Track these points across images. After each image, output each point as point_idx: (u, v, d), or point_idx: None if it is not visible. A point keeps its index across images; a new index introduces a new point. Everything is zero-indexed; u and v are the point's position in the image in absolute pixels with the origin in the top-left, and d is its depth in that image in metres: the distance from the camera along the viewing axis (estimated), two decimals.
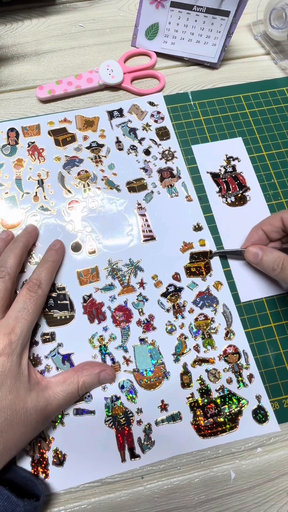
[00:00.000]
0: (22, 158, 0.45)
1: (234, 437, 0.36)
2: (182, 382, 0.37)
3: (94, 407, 0.36)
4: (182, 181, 0.45)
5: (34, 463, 0.34)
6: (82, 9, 0.55)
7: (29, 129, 0.47)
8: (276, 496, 0.35)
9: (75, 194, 0.44)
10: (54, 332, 0.38)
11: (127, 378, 0.37)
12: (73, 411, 0.36)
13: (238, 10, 0.45)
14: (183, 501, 0.34)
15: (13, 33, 0.53)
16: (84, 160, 0.45)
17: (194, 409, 0.37)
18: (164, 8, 0.47)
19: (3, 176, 0.44)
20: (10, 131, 0.46)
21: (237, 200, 0.45)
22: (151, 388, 0.37)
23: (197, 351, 0.39)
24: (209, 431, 0.36)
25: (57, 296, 0.40)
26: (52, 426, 0.35)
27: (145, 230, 0.43)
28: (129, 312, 0.40)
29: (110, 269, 0.41)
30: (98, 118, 0.48)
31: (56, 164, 0.45)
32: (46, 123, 0.47)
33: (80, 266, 0.41)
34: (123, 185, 0.45)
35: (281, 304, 0.41)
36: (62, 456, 0.35)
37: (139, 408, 0.36)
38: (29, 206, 0.43)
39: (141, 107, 0.48)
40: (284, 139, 0.48)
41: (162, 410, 0.36)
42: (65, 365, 0.37)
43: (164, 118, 0.48)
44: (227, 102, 0.49)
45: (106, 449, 0.35)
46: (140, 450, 0.35)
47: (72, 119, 0.47)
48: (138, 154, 0.46)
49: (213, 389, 0.37)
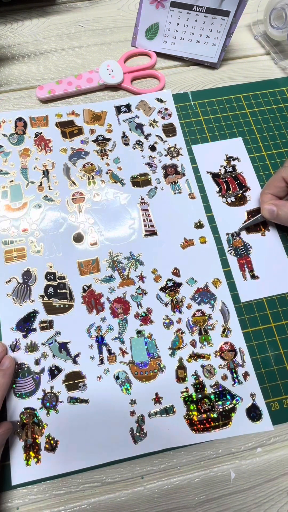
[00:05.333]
0: (29, 148, 0.46)
1: (227, 433, 0.36)
2: (177, 376, 0.38)
3: (88, 396, 0.36)
4: (186, 178, 0.45)
5: (27, 447, 0.35)
6: (82, 9, 0.55)
7: (37, 119, 0.47)
8: (276, 496, 0.35)
9: (80, 186, 0.44)
10: (52, 320, 0.39)
11: (122, 369, 0.37)
12: (67, 399, 0.36)
13: (238, 10, 0.45)
14: (183, 501, 0.34)
15: (13, 33, 0.53)
16: (90, 153, 0.46)
17: (188, 404, 0.37)
18: (164, 8, 0.47)
19: (9, 165, 0.45)
20: (18, 120, 0.47)
21: (237, 200, 0.45)
22: (146, 380, 0.37)
23: (193, 346, 0.39)
24: (201, 426, 0.36)
25: (57, 285, 0.40)
26: (46, 413, 0.36)
27: (147, 225, 0.43)
28: (127, 304, 0.40)
29: (110, 261, 0.41)
30: (106, 112, 0.48)
31: (62, 155, 0.46)
32: (54, 115, 0.48)
33: (81, 257, 0.41)
34: (127, 180, 0.45)
35: (281, 304, 0.41)
36: (55, 443, 0.35)
37: (133, 400, 0.36)
38: (33, 195, 0.44)
39: (149, 103, 0.49)
40: (284, 139, 0.48)
41: (156, 403, 0.37)
42: (62, 353, 0.38)
43: (171, 115, 0.48)
44: (227, 102, 0.50)
45: (98, 438, 0.35)
46: (132, 441, 0.35)
47: (80, 112, 0.48)
48: (143, 149, 0.46)
49: (207, 385, 0.37)
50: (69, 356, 0.38)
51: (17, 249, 0.41)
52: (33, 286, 0.40)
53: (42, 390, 0.37)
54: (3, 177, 0.44)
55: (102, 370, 0.37)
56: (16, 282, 0.40)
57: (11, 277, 0.40)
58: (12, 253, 0.41)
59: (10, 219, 0.43)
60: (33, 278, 0.40)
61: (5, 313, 0.39)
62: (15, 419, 0.35)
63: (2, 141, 0.46)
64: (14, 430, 0.35)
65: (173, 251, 0.42)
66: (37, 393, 0.36)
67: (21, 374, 0.37)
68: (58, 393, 0.36)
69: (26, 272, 0.40)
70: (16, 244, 0.42)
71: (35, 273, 0.40)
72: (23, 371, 0.37)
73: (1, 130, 0.46)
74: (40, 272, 0.40)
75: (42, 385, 0.37)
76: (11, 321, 0.39)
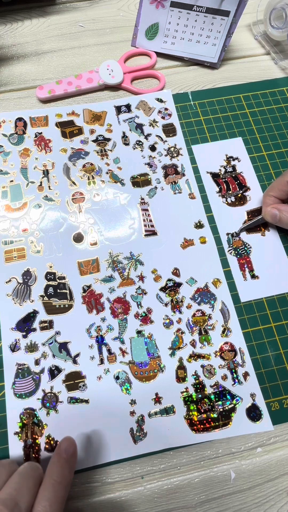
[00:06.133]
0: (29, 148, 0.46)
1: (227, 433, 0.36)
2: (177, 376, 0.38)
3: (88, 396, 0.36)
4: (186, 178, 0.45)
5: (26, 447, 0.35)
6: (82, 9, 0.55)
7: (37, 119, 0.47)
8: (276, 496, 0.35)
9: (80, 186, 0.44)
10: (52, 320, 0.39)
11: (122, 369, 0.37)
12: (68, 399, 0.36)
13: (238, 10, 0.45)
14: (183, 501, 0.34)
15: (13, 33, 0.53)
16: (90, 153, 0.46)
17: (188, 404, 0.37)
18: (164, 8, 0.47)
19: (9, 165, 0.45)
20: (18, 120, 0.47)
21: (237, 200, 0.45)
22: (146, 380, 0.37)
23: (193, 346, 0.39)
24: (201, 426, 0.36)
25: (57, 285, 0.40)
26: (46, 413, 0.36)
27: (147, 225, 0.43)
28: (127, 304, 0.40)
29: (110, 261, 0.41)
30: (106, 112, 0.48)
31: (62, 155, 0.46)
32: (54, 115, 0.47)
33: (81, 257, 0.41)
34: (127, 180, 0.45)
35: (281, 304, 0.41)
36: (55, 443, 0.35)
37: (133, 400, 0.36)
38: (33, 195, 0.44)
39: (149, 103, 0.49)
40: (284, 139, 0.48)
41: (156, 403, 0.36)
42: (62, 353, 0.37)
43: (171, 115, 0.48)
44: (227, 102, 0.50)
45: (98, 438, 0.35)
46: (132, 441, 0.35)
47: (80, 112, 0.48)
48: (143, 149, 0.46)
49: (207, 385, 0.37)
50: (69, 356, 0.38)
51: (17, 249, 0.41)
52: (33, 286, 0.40)
53: (42, 390, 0.36)
54: (3, 177, 0.44)
55: (102, 370, 0.37)
56: (16, 282, 0.40)
57: (11, 277, 0.40)
58: (12, 253, 0.41)
59: (10, 219, 0.42)
60: (33, 278, 0.40)
61: (5, 313, 0.39)
62: (15, 420, 0.35)
63: (2, 141, 0.46)
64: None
65: (173, 251, 0.42)
66: (37, 393, 0.36)
67: (21, 374, 0.37)
68: (58, 393, 0.36)
69: (26, 272, 0.40)
70: (16, 244, 0.41)
71: (35, 273, 0.40)
72: (23, 371, 0.37)
73: (1, 130, 0.46)
74: (40, 272, 0.40)
75: (42, 385, 0.37)
76: (11, 321, 0.39)
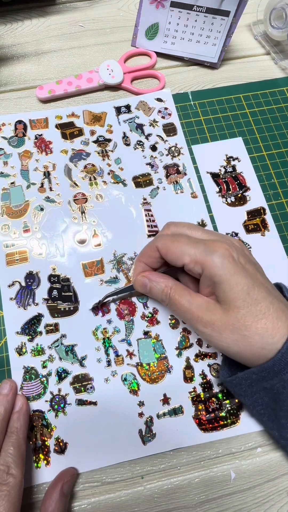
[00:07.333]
0: (29, 149, 0.45)
1: (236, 431, 0.36)
2: (185, 377, 0.37)
3: (96, 398, 0.36)
4: (188, 177, 0.45)
5: (36, 450, 0.34)
6: (82, 9, 0.55)
7: (36, 122, 0.47)
8: (276, 496, 0.35)
9: (82, 187, 0.44)
10: (57, 323, 0.38)
11: (130, 371, 0.37)
12: (76, 401, 0.36)
13: (238, 10, 0.45)
14: (183, 501, 0.34)
15: (13, 33, 0.53)
16: (91, 154, 0.46)
17: (196, 403, 0.37)
18: (164, 8, 0.47)
19: (10, 167, 0.44)
20: (18, 123, 0.47)
21: (237, 200, 0.45)
22: (153, 381, 0.37)
23: (199, 345, 0.39)
24: (210, 425, 0.36)
25: (61, 288, 0.40)
26: (54, 415, 0.35)
27: (150, 225, 0.43)
28: (133, 305, 0.40)
29: (115, 262, 0.41)
30: (106, 113, 0.48)
31: (63, 156, 0.45)
32: (54, 116, 0.47)
33: (85, 259, 0.41)
34: (129, 180, 0.45)
35: None
36: (64, 445, 0.35)
37: (141, 401, 0.36)
38: (34, 197, 0.43)
39: (149, 104, 0.49)
40: (284, 139, 0.48)
41: (164, 404, 0.36)
42: (69, 356, 0.37)
43: (171, 115, 0.48)
44: (227, 102, 0.50)
45: (107, 439, 0.35)
46: (141, 442, 0.35)
47: (79, 113, 0.48)
48: (144, 149, 0.46)
49: (215, 384, 0.37)
50: (76, 359, 0.37)
51: (19, 252, 0.41)
52: (36, 289, 0.40)
53: (50, 392, 0.36)
54: (4, 179, 0.44)
55: (109, 372, 0.37)
56: (19, 285, 0.40)
57: (13, 280, 0.40)
58: (14, 256, 0.41)
59: (11, 221, 0.42)
60: (37, 281, 0.40)
61: (9, 317, 0.39)
62: None
63: (2, 143, 0.45)
64: None
65: None
66: (45, 396, 0.36)
67: (28, 377, 0.37)
68: (66, 395, 0.36)
69: (29, 275, 0.40)
70: (17, 246, 0.41)
71: (38, 276, 0.40)
72: (30, 374, 0.37)
73: (1, 133, 0.46)
74: (43, 275, 0.40)
75: (50, 388, 0.36)
76: (16, 325, 0.38)
